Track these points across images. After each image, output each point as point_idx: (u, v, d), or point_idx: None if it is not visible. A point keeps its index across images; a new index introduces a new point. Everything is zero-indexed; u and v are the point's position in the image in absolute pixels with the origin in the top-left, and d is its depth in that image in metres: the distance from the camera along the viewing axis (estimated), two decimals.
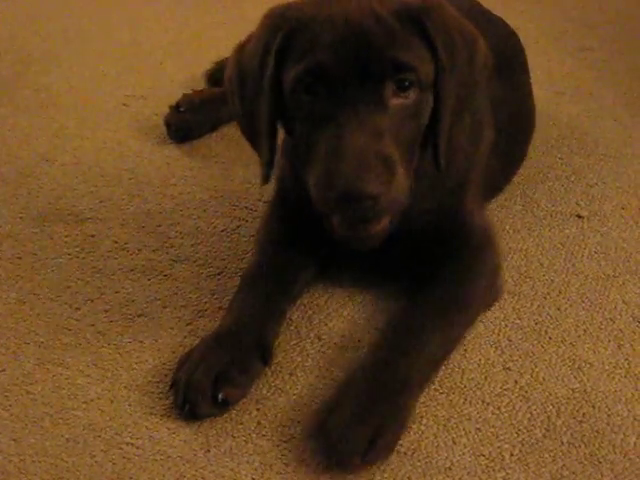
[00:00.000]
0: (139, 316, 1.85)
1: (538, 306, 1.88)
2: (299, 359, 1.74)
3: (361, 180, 1.50)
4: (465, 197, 1.89)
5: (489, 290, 1.87)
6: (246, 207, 2.19)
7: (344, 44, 1.58)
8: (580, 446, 1.59)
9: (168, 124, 2.50)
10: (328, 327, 1.83)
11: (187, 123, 2.50)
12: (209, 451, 1.55)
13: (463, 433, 1.59)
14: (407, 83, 1.61)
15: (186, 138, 2.50)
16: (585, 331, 1.84)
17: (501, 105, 2.09)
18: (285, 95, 1.65)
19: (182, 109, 2.51)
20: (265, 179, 1.77)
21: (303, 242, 1.87)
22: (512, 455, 1.57)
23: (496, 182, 2.17)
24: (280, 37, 1.64)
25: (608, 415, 1.65)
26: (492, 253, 1.90)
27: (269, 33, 1.67)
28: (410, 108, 1.63)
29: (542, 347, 1.80)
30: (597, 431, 1.62)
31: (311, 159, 1.62)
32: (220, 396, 1.59)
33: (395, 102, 1.61)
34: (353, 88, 1.57)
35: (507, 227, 2.13)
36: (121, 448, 1.56)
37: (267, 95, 1.67)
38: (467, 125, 1.85)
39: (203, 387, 1.59)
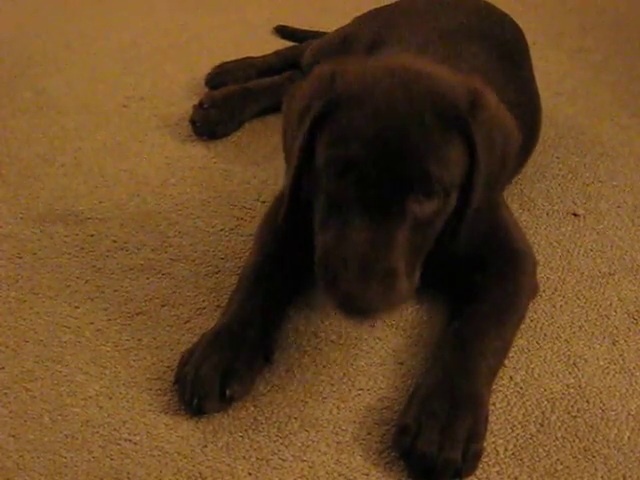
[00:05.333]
0: (138, 314, 1.86)
1: (533, 303, 1.89)
2: (296, 355, 1.76)
3: (362, 296, 1.50)
4: (498, 206, 1.92)
5: (532, 288, 1.89)
6: (244, 207, 2.20)
7: (382, 146, 1.54)
8: (574, 441, 1.60)
9: (193, 121, 2.52)
10: (325, 324, 1.84)
11: (211, 120, 2.52)
12: (206, 447, 1.57)
13: None
14: (433, 193, 1.58)
15: (212, 135, 2.52)
16: (580, 328, 1.86)
17: (511, 100, 2.12)
18: (316, 163, 1.64)
19: (205, 106, 2.53)
20: (282, 220, 1.76)
21: (306, 239, 1.88)
22: (506, 450, 1.58)
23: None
24: (320, 106, 1.62)
25: (602, 410, 1.67)
26: (529, 250, 1.92)
27: (312, 95, 1.66)
28: (429, 215, 1.60)
29: (537, 343, 1.81)
30: (591, 426, 1.63)
31: (320, 235, 1.63)
32: (228, 392, 1.60)
33: (415, 210, 1.58)
34: (379, 189, 1.55)
35: None
36: (119, 444, 1.57)
37: (296, 155, 1.66)
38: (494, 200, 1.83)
39: (211, 383, 1.60)
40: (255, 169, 2.36)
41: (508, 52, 2.26)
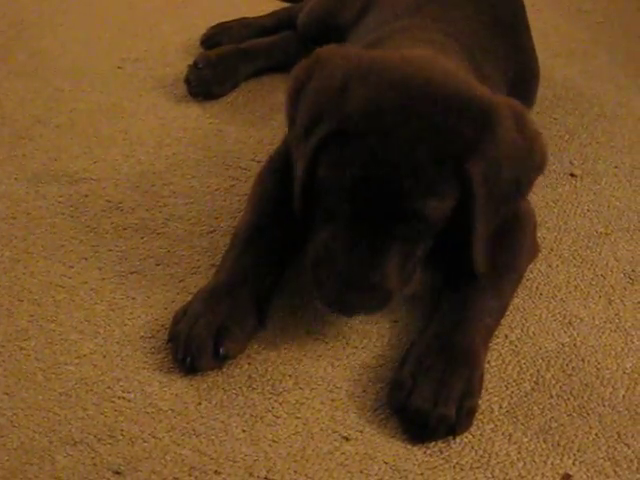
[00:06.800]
0: (132, 273, 1.85)
1: None
2: (290, 314, 1.76)
3: (344, 303, 1.60)
4: None
5: (532, 247, 1.87)
6: (240, 167, 2.18)
7: (380, 179, 1.53)
8: (569, 399, 1.60)
9: (188, 81, 2.50)
10: None
11: (206, 80, 2.50)
12: (200, 404, 1.57)
13: None
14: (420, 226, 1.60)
15: (207, 95, 2.50)
16: (576, 287, 1.86)
17: (507, 62, 2.10)
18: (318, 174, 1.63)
19: (200, 66, 2.51)
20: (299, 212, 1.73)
21: None
22: (501, 407, 1.58)
23: None
24: (328, 129, 1.58)
25: (597, 369, 1.67)
26: (530, 210, 1.90)
27: (322, 103, 1.61)
28: (418, 235, 1.62)
29: (533, 303, 1.81)
30: (586, 384, 1.63)
31: (316, 234, 1.66)
32: (221, 350, 1.60)
33: (403, 232, 1.59)
34: (371, 216, 1.56)
35: None
36: (113, 402, 1.57)
37: (303, 172, 1.65)
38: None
39: (204, 341, 1.60)
40: (251, 129, 2.34)
41: (503, 13, 2.23)
